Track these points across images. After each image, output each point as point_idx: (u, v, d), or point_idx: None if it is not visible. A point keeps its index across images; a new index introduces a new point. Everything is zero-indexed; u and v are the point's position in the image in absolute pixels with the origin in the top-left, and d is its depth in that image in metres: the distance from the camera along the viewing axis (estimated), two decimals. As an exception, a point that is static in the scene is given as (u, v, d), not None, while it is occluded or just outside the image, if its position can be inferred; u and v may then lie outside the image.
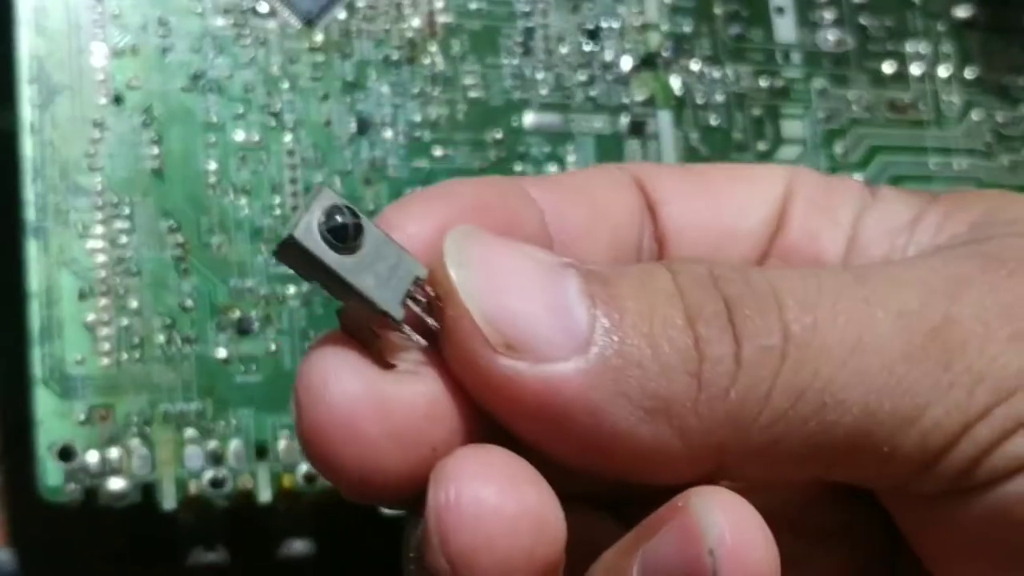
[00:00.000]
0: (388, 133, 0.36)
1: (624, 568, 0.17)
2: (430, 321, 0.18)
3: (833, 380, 0.17)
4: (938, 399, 0.17)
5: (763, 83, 0.40)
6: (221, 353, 0.33)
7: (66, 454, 0.31)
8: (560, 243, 0.20)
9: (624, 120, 0.38)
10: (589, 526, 0.19)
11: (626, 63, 0.39)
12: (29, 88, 0.33)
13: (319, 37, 0.36)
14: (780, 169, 0.23)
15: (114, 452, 0.32)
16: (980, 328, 0.18)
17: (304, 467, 0.33)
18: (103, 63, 0.34)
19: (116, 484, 0.32)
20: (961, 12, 0.42)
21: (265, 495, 0.33)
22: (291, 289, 0.34)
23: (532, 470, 0.17)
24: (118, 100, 0.34)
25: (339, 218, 0.17)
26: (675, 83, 0.39)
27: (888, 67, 0.41)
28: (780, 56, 0.40)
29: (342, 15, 0.36)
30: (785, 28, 0.40)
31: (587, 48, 0.38)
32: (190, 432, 0.32)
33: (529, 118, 0.37)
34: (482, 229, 0.18)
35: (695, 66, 0.39)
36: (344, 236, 0.17)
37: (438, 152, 0.36)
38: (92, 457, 0.32)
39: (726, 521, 0.17)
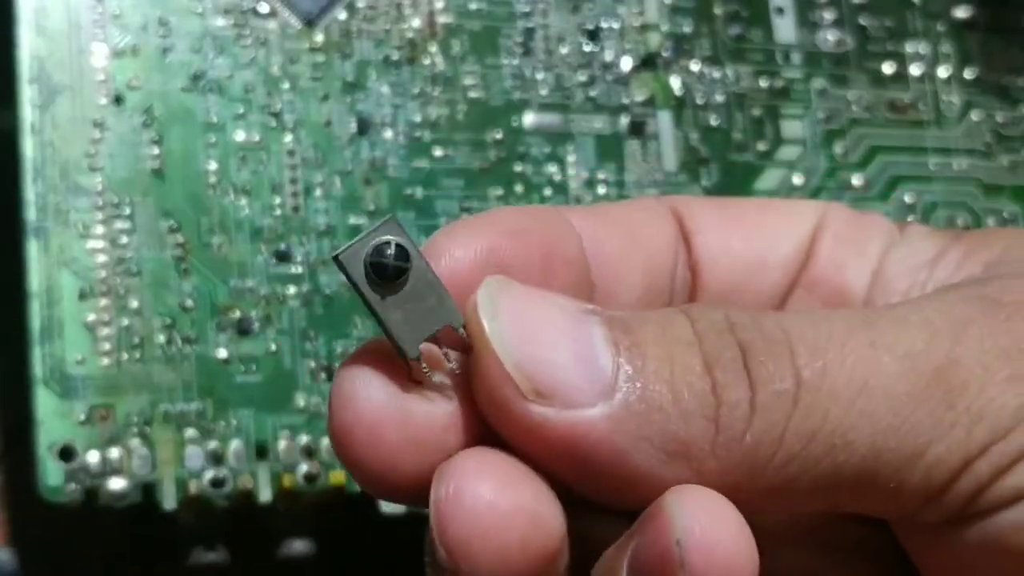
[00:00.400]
0: (388, 133, 0.36)
1: (617, 563, 0.18)
2: (451, 364, 0.19)
3: (842, 422, 0.18)
4: (940, 437, 0.18)
5: (763, 83, 0.40)
6: (221, 353, 0.33)
7: (66, 454, 0.31)
8: (596, 267, 0.21)
9: (624, 120, 0.38)
10: (604, 529, 0.20)
11: (626, 63, 0.39)
12: (29, 88, 0.33)
13: (319, 37, 0.36)
14: (812, 204, 0.24)
15: (114, 452, 0.32)
16: (980, 370, 0.19)
17: (304, 467, 0.33)
18: (103, 63, 0.34)
19: (116, 484, 0.32)
20: (961, 12, 0.42)
21: (265, 495, 0.33)
22: (291, 289, 0.34)
23: (529, 471, 0.18)
24: (118, 100, 0.34)
25: (386, 255, 0.18)
26: (675, 83, 0.39)
27: (888, 67, 0.41)
28: (780, 56, 0.40)
29: (342, 15, 0.36)
30: (785, 28, 0.40)
31: (587, 48, 0.38)
32: (190, 432, 0.32)
33: (529, 118, 0.37)
34: (513, 282, 0.19)
35: (695, 66, 0.39)
36: (384, 273, 0.18)
37: (438, 152, 0.36)
38: (92, 457, 0.32)
39: (694, 513, 0.18)
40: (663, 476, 0.18)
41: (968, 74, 0.42)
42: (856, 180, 0.40)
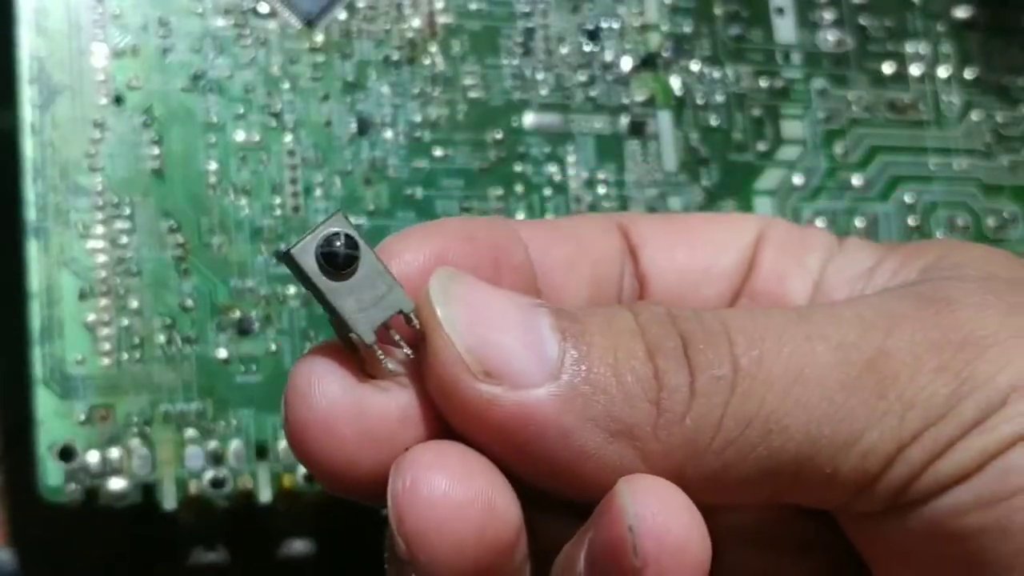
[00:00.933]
0: (388, 133, 0.36)
1: (574, 556, 0.19)
2: (405, 349, 0.20)
3: (778, 408, 0.19)
4: (873, 424, 0.19)
5: (763, 83, 0.40)
6: (221, 353, 0.33)
7: (66, 454, 0.31)
8: (543, 275, 0.22)
9: (624, 120, 0.38)
10: (559, 527, 0.20)
11: (626, 63, 0.39)
12: (30, 88, 0.33)
13: (319, 37, 0.36)
14: (754, 218, 0.25)
15: (114, 452, 0.32)
16: (911, 360, 0.19)
17: (304, 467, 0.33)
18: (104, 63, 0.34)
19: (116, 484, 0.32)
20: (961, 13, 0.42)
21: (265, 495, 0.33)
22: (291, 289, 0.34)
23: (485, 462, 0.19)
24: (118, 100, 0.34)
25: (336, 245, 0.19)
26: (675, 83, 0.39)
27: (888, 67, 0.41)
28: (780, 56, 0.40)
29: (342, 15, 0.36)
30: (785, 28, 0.41)
31: (587, 48, 0.38)
32: (190, 432, 0.32)
33: (529, 118, 0.37)
34: (464, 272, 0.20)
35: (695, 66, 0.39)
36: (336, 262, 0.19)
37: (438, 152, 0.36)
38: (92, 457, 0.32)
39: (645, 500, 0.18)
40: (607, 457, 0.19)
41: (968, 74, 0.42)
42: (856, 180, 0.40)
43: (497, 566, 0.19)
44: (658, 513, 0.18)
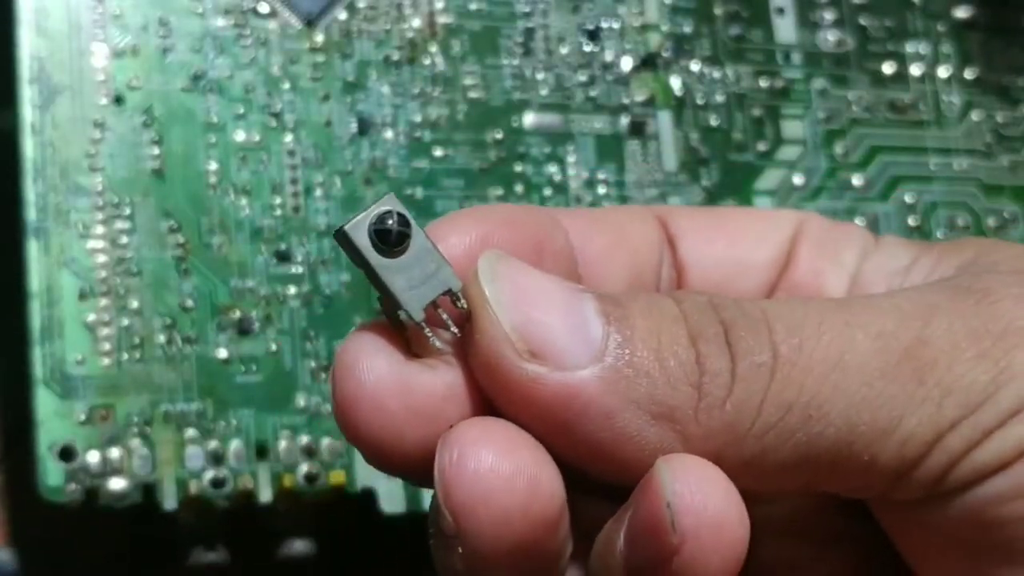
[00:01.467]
0: (388, 133, 0.36)
1: (614, 534, 0.19)
2: (453, 328, 0.20)
3: (817, 395, 0.19)
4: (912, 411, 0.19)
5: (763, 83, 0.40)
6: (221, 353, 0.33)
7: (67, 454, 0.31)
8: (583, 263, 0.22)
9: (624, 120, 0.38)
10: (600, 509, 0.20)
11: (626, 63, 0.39)
12: (30, 88, 0.33)
13: (319, 37, 0.36)
14: (791, 213, 0.25)
15: (115, 452, 0.32)
16: (949, 348, 0.19)
17: (304, 467, 0.33)
18: (104, 63, 0.34)
19: (117, 484, 0.32)
20: (961, 13, 0.42)
21: (265, 495, 0.33)
22: (291, 289, 0.34)
23: (530, 439, 0.19)
24: (119, 100, 0.34)
25: (388, 223, 0.19)
26: (675, 83, 0.39)
27: (888, 67, 0.41)
28: (780, 56, 0.40)
29: (343, 15, 0.36)
30: (785, 28, 0.40)
31: (587, 48, 0.38)
32: (190, 432, 0.32)
33: (529, 118, 0.37)
34: (511, 256, 0.20)
35: (695, 66, 0.39)
36: (387, 240, 0.19)
37: (438, 152, 0.36)
38: (93, 457, 0.32)
39: (684, 477, 0.18)
40: (648, 439, 0.19)
41: (968, 74, 0.42)
42: (856, 180, 0.40)
43: (542, 541, 0.19)
44: (696, 490, 0.18)
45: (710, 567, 0.18)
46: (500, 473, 0.18)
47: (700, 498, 0.18)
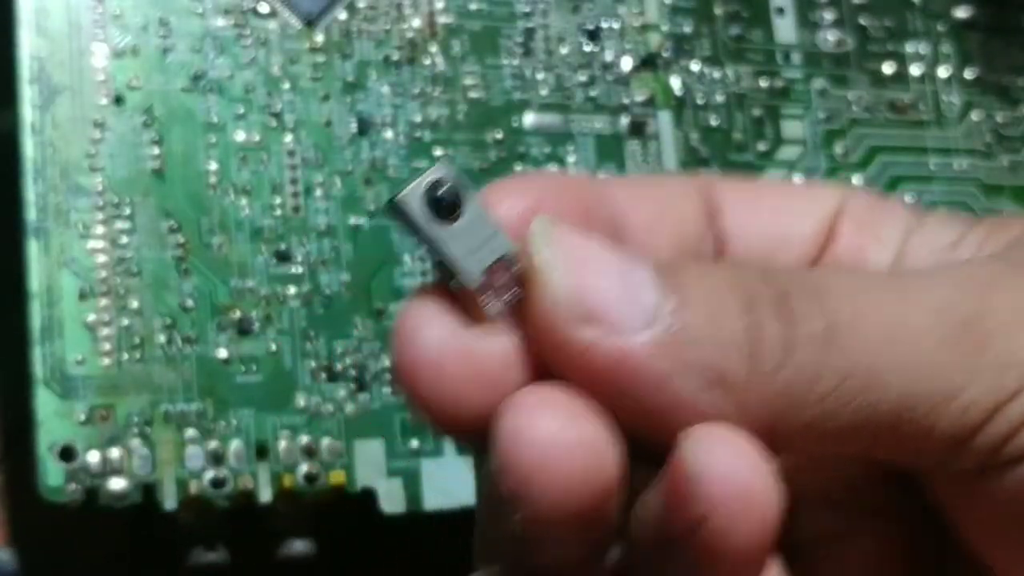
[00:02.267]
0: (388, 133, 0.36)
1: (649, 503, 0.19)
2: (508, 294, 0.20)
3: (876, 362, 0.19)
4: (972, 381, 0.19)
5: (763, 83, 0.40)
6: (222, 353, 0.33)
7: (67, 454, 0.31)
8: (630, 231, 0.22)
9: (624, 120, 0.38)
10: (646, 480, 0.20)
11: (626, 63, 0.39)
12: (30, 89, 0.33)
13: (319, 37, 0.36)
14: (834, 187, 0.25)
15: (115, 452, 0.32)
16: (1008, 318, 0.20)
17: (304, 467, 0.33)
18: (104, 63, 0.34)
19: (117, 484, 0.32)
20: (961, 13, 0.42)
21: (265, 495, 0.33)
22: (291, 289, 0.34)
23: (590, 405, 0.19)
24: (119, 100, 0.34)
25: (441, 190, 0.19)
26: (675, 83, 0.39)
27: (888, 67, 0.41)
28: (780, 56, 0.40)
29: (343, 15, 0.36)
30: (785, 28, 0.41)
31: (587, 48, 0.38)
32: (191, 432, 0.32)
33: (529, 118, 0.37)
34: (564, 220, 0.20)
35: (695, 66, 0.39)
36: (441, 207, 0.19)
37: (438, 152, 0.36)
38: (93, 457, 0.32)
39: (711, 448, 0.18)
40: (702, 405, 0.19)
41: (968, 74, 0.42)
42: (856, 180, 0.40)
43: (600, 508, 0.19)
44: (723, 459, 0.18)
45: (740, 536, 0.18)
46: (562, 440, 0.18)
47: (728, 467, 0.18)
